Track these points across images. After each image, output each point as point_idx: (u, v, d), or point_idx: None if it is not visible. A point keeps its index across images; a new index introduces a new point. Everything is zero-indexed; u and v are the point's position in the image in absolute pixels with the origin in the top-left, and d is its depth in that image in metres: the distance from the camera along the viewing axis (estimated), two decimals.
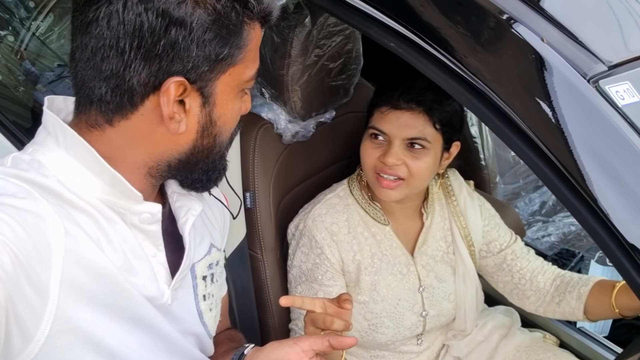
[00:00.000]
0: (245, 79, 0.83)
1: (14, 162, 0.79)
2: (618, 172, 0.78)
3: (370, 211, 1.41)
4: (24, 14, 1.89)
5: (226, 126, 0.85)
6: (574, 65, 0.81)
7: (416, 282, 1.42)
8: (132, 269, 0.82)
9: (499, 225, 1.51)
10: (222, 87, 0.80)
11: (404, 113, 1.28)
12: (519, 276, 1.46)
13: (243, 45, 0.79)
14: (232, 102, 0.83)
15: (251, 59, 0.82)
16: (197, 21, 0.73)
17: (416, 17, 0.92)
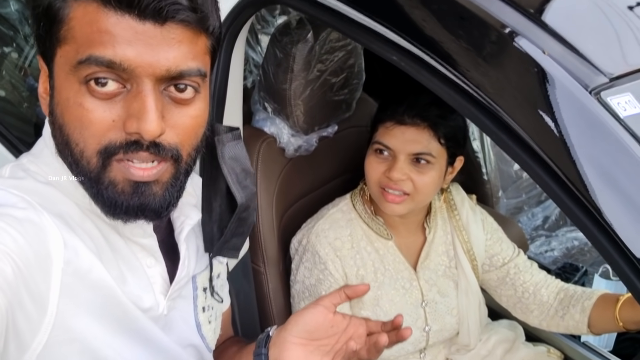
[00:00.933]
0: (72, 63, 0.71)
1: (12, 171, 0.80)
2: (621, 183, 0.78)
3: (373, 226, 1.41)
4: (28, 30, 1.90)
5: (65, 119, 0.73)
6: (576, 77, 0.81)
7: (419, 297, 1.42)
8: (126, 280, 0.81)
9: (502, 239, 1.51)
10: (57, 71, 0.73)
11: (409, 128, 1.29)
12: (522, 290, 1.46)
13: (60, 20, 0.71)
14: (66, 91, 0.72)
15: (79, 41, 0.70)
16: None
17: (418, 31, 0.93)
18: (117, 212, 0.76)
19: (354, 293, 0.91)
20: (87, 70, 0.70)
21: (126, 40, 0.69)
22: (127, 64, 0.69)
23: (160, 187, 0.76)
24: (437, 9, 0.93)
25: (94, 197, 0.76)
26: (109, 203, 0.75)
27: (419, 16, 0.94)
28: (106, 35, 0.69)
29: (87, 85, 0.70)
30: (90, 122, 0.71)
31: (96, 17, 0.69)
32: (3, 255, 0.66)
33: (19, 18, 1.89)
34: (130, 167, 0.73)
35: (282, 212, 1.52)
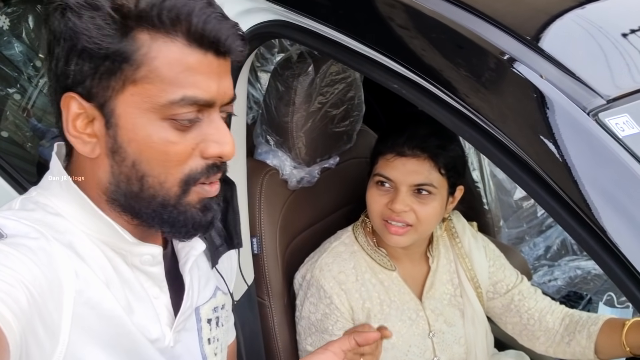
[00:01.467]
0: (160, 103, 0.73)
1: (22, 204, 0.81)
2: (624, 202, 0.79)
3: (377, 257, 1.41)
4: (32, 71, 1.93)
5: (145, 155, 0.75)
6: (574, 100, 0.83)
7: (426, 328, 1.41)
8: (134, 310, 0.82)
9: (505, 266, 1.51)
10: (126, 108, 0.74)
11: (410, 160, 1.30)
12: (528, 316, 1.45)
13: (134, 60, 0.72)
14: (146, 129, 0.74)
15: (166, 81, 0.73)
16: (64, 34, 0.72)
17: (418, 59, 0.95)
18: (193, 230, 0.81)
19: (364, 340, 0.90)
20: (180, 109, 0.74)
21: (210, 76, 0.75)
22: (213, 99, 0.76)
23: (215, 202, 0.83)
24: (435, 38, 0.96)
25: (168, 222, 0.79)
26: (188, 224, 0.80)
27: (418, 45, 0.97)
28: (195, 74, 0.74)
29: (170, 121, 0.75)
30: (177, 154, 0.76)
31: (182, 57, 0.73)
32: (18, 283, 0.66)
33: (23, 60, 1.93)
34: (204, 186, 0.80)
35: (286, 244, 1.52)
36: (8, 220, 0.75)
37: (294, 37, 1.10)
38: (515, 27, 0.93)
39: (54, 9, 0.73)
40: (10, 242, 0.71)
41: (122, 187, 0.78)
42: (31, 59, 1.93)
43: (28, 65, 1.93)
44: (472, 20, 0.94)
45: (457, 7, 0.95)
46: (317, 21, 1.03)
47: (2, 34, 1.90)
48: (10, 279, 0.66)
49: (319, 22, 1.03)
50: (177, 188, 0.77)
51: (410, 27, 0.99)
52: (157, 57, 0.73)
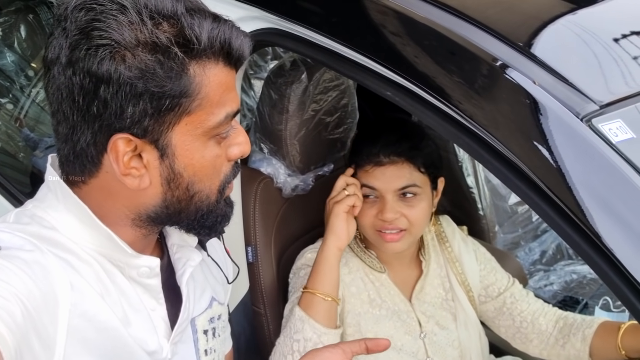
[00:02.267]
0: (211, 126, 0.77)
1: (17, 217, 0.80)
2: (618, 207, 0.79)
3: (367, 259, 1.42)
4: (24, 81, 1.92)
5: (199, 176, 0.79)
6: (567, 106, 0.83)
7: (417, 328, 1.41)
8: (130, 322, 0.81)
9: (495, 269, 1.51)
10: (181, 138, 0.76)
11: (388, 167, 1.32)
12: (520, 319, 1.45)
13: (192, 92, 0.74)
14: (200, 152, 0.78)
15: (214, 104, 0.76)
16: (121, 78, 0.70)
17: (411, 66, 0.95)
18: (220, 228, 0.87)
19: (375, 346, 0.91)
20: (225, 127, 0.79)
21: (234, 88, 0.80)
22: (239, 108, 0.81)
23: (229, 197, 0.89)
24: (428, 45, 0.96)
25: (205, 226, 0.85)
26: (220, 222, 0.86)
27: (411, 52, 0.97)
28: (230, 90, 0.78)
29: (215, 137, 0.79)
30: (221, 164, 0.82)
31: (223, 77, 0.77)
32: (12, 297, 0.66)
33: (15, 69, 1.92)
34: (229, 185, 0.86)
35: (281, 253, 1.52)
36: (2, 233, 0.75)
37: (287, 45, 1.10)
38: (508, 34, 0.93)
39: (95, 51, 0.70)
40: (5, 254, 0.70)
41: (171, 209, 0.81)
42: (23, 69, 1.92)
43: (20, 75, 1.92)
44: (465, 26, 0.94)
45: (449, 14, 0.96)
46: (310, 29, 1.03)
47: None
48: (4, 292, 0.65)
49: (312, 30, 1.03)
50: (216, 195, 0.83)
51: (403, 35, 0.99)
52: (207, 84, 0.75)
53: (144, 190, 0.78)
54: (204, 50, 0.73)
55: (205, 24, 0.73)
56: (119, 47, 0.70)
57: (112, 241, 0.79)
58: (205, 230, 0.86)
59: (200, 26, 0.72)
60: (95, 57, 0.70)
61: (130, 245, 0.81)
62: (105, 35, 0.69)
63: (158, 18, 0.71)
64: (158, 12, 0.71)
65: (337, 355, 0.88)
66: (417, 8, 0.96)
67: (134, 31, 0.70)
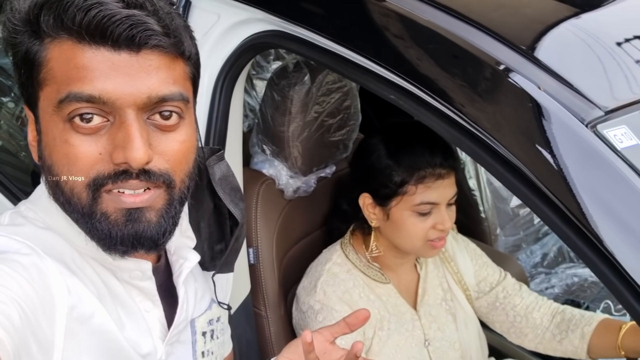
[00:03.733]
0: (56, 103, 0.71)
1: (11, 218, 0.80)
2: (621, 212, 0.79)
3: (370, 273, 1.40)
4: None
5: (53, 158, 0.74)
6: (572, 112, 0.83)
7: (421, 337, 1.41)
8: (124, 325, 0.81)
9: (487, 264, 1.51)
10: (42, 114, 0.74)
11: (441, 179, 1.31)
12: (514, 314, 1.45)
13: (37, 64, 0.72)
14: (52, 132, 0.73)
15: (58, 81, 0.71)
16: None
17: (414, 70, 0.95)
18: (113, 244, 0.75)
19: (355, 319, 0.89)
20: (69, 107, 0.70)
21: (104, 73, 0.70)
22: (107, 96, 0.70)
23: (155, 214, 0.76)
24: (431, 48, 0.95)
25: (89, 233, 0.75)
26: (104, 235, 0.74)
27: (414, 55, 0.96)
28: (83, 70, 0.70)
29: (71, 123, 0.71)
30: (77, 157, 0.72)
31: (72, 54, 0.70)
32: (10, 300, 0.65)
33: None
34: (120, 195, 0.74)
35: (282, 254, 1.51)
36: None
37: (291, 47, 1.10)
38: (512, 37, 0.93)
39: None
40: (2, 258, 0.70)
41: (51, 193, 0.77)
42: None
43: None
44: (468, 30, 0.93)
45: (452, 17, 0.95)
46: (314, 31, 1.03)
47: None
48: (2, 296, 0.65)
49: (316, 32, 1.02)
50: (86, 194, 0.73)
51: (406, 37, 0.98)
52: (51, 58, 0.71)
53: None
54: (31, 24, 0.72)
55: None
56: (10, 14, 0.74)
57: None
58: (96, 240, 0.76)
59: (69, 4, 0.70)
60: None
61: None
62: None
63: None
64: None
65: (316, 339, 0.86)
66: (421, 11, 0.96)
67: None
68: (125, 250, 0.76)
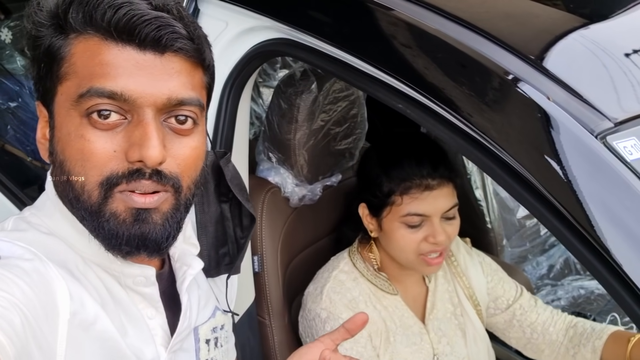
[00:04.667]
0: (75, 97, 0.71)
1: (15, 224, 0.80)
2: (630, 224, 0.78)
3: (378, 283, 1.39)
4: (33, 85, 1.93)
5: (65, 154, 0.74)
6: (581, 122, 0.82)
7: (430, 351, 1.39)
8: (127, 332, 0.81)
9: (503, 280, 1.49)
10: (58, 109, 0.74)
11: (437, 190, 1.28)
12: (531, 330, 1.44)
13: (59, 59, 0.73)
14: (67, 126, 0.73)
15: (80, 75, 0.72)
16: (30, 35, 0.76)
17: (422, 79, 0.94)
18: (118, 244, 0.75)
19: (353, 324, 0.89)
20: (89, 102, 0.71)
21: (127, 71, 0.71)
22: (128, 94, 0.71)
23: (160, 217, 0.76)
24: (439, 57, 0.95)
25: (94, 231, 0.75)
26: (110, 235, 0.74)
27: (422, 65, 0.96)
28: (107, 67, 0.71)
29: (89, 118, 0.72)
30: (92, 153, 0.72)
31: (98, 51, 0.71)
32: (12, 306, 0.65)
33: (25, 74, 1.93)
34: (132, 195, 0.73)
35: (287, 263, 1.51)
36: (1, 242, 0.74)
37: (298, 55, 1.09)
38: (520, 47, 0.92)
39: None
40: (4, 264, 0.70)
41: (60, 191, 0.77)
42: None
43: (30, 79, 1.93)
44: (476, 39, 0.93)
45: (460, 26, 0.95)
46: (322, 40, 1.03)
47: (5, 48, 1.91)
48: (4, 302, 0.65)
49: (324, 40, 1.02)
50: (97, 192, 0.73)
51: (414, 46, 0.98)
52: (75, 52, 0.72)
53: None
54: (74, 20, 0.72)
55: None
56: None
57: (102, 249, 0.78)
58: (100, 239, 0.76)
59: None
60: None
61: None
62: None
63: None
64: None
65: (317, 347, 0.87)
66: (429, 20, 0.96)
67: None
68: (128, 251, 0.76)
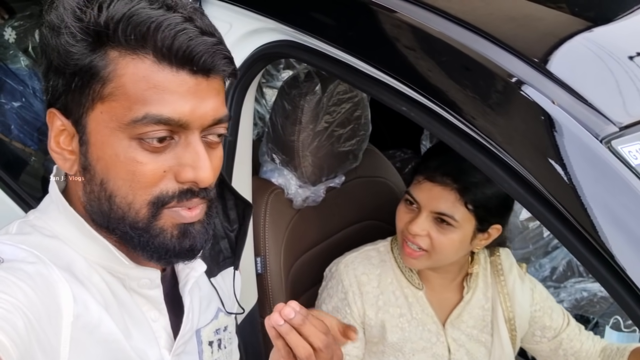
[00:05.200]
0: (125, 122, 0.71)
1: (19, 227, 0.80)
2: (633, 228, 0.78)
3: (406, 272, 1.40)
4: (37, 85, 1.93)
5: (112, 174, 0.73)
6: (586, 127, 0.82)
7: (445, 354, 1.39)
8: (131, 334, 0.81)
9: (552, 309, 1.47)
10: (96, 127, 0.73)
11: (436, 186, 1.27)
12: (574, 359, 1.45)
13: (104, 77, 0.71)
14: (113, 148, 0.72)
15: (132, 99, 0.71)
16: (44, 50, 0.73)
17: (426, 81, 0.94)
18: (168, 257, 0.77)
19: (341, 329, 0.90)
20: (145, 128, 0.71)
21: (182, 96, 0.71)
22: (184, 119, 0.72)
23: (200, 225, 0.79)
24: (443, 60, 0.95)
25: (140, 245, 0.76)
26: (161, 250, 0.76)
27: (426, 67, 0.96)
28: (163, 92, 0.71)
29: (140, 141, 0.72)
30: (144, 174, 0.73)
31: (150, 74, 0.70)
32: (15, 309, 0.65)
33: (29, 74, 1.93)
34: (180, 210, 0.76)
35: (290, 264, 1.51)
36: (5, 245, 0.74)
37: (302, 57, 1.09)
38: (524, 50, 0.92)
39: (41, 26, 0.73)
40: (7, 267, 0.70)
41: (95, 205, 0.77)
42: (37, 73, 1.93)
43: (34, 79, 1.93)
44: (480, 42, 0.93)
45: (464, 29, 0.95)
46: (326, 42, 1.03)
47: (9, 48, 1.91)
48: (7, 305, 0.65)
49: (328, 43, 1.02)
50: (146, 210, 0.74)
51: (418, 49, 0.98)
52: (124, 74, 0.71)
53: (76, 180, 0.78)
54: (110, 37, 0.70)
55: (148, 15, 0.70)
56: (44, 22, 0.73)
57: (110, 252, 0.79)
58: (140, 251, 0.77)
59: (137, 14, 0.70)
60: (41, 31, 0.74)
61: (127, 256, 0.80)
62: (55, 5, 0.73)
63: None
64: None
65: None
66: (433, 23, 0.95)
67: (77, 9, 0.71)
68: (176, 261, 0.80)
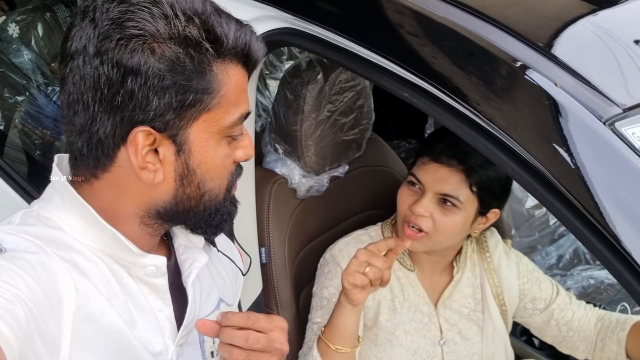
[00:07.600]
0: (225, 125, 0.78)
1: (22, 218, 0.80)
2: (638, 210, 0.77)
3: (398, 256, 1.39)
4: (41, 79, 1.93)
5: (210, 174, 0.80)
6: (589, 109, 0.81)
7: (437, 334, 1.39)
8: (136, 324, 0.81)
9: (540, 280, 1.48)
10: (198, 134, 0.77)
11: (442, 167, 1.27)
12: (567, 329, 1.45)
13: (214, 89, 0.75)
14: (214, 150, 0.79)
15: (231, 104, 0.77)
16: (150, 70, 0.71)
17: (429, 67, 0.94)
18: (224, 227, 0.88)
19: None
20: (236, 127, 0.80)
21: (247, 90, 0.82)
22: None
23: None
24: (446, 45, 0.94)
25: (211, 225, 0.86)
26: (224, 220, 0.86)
27: (429, 53, 0.95)
28: (244, 91, 0.80)
29: (228, 138, 0.80)
30: (231, 165, 0.83)
31: (239, 77, 0.78)
32: (16, 299, 0.65)
33: (32, 68, 1.93)
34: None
35: (294, 254, 1.51)
36: (7, 235, 0.74)
37: (304, 45, 1.09)
38: (528, 34, 0.91)
39: (127, 41, 0.71)
40: (9, 256, 0.70)
41: (181, 206, 0.81)
42: (40, 67, 1.93)
43: (37, 73, 1.93)
44: (484, 27, 0.92)
45: (468, 13, 0.94)
46: (327, 29, 1.02)
47: (12, 42, 1.91)
48: (8, 294, 0.65)
49: (329, 29, 1.02)
50: (224, 194, 0.84)
51: (421, 35, 0.97)
52: (227, 83, 0.76)
53: (157, 186, 0.78)
54: (229, 50, 0.75)
55: (232, 24, 0.75)
56: (152, 38, 0.71)
57: (117, 241, 0.79)
58: (212, 229, 0.87)
59: (228, 26, 0.75)
60: (127, 47, 0.71)
61: (136, 244, 0.81)
62: (139, 26, 0.71)
63: (189, 14, 0.73)
64: (189, 9, 0.73)
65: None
66: (436, 8, 0.95)
67: (168, 24, 0.71)
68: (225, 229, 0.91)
